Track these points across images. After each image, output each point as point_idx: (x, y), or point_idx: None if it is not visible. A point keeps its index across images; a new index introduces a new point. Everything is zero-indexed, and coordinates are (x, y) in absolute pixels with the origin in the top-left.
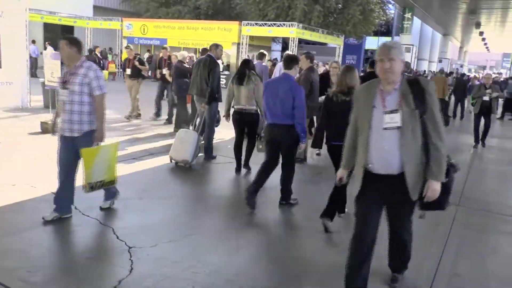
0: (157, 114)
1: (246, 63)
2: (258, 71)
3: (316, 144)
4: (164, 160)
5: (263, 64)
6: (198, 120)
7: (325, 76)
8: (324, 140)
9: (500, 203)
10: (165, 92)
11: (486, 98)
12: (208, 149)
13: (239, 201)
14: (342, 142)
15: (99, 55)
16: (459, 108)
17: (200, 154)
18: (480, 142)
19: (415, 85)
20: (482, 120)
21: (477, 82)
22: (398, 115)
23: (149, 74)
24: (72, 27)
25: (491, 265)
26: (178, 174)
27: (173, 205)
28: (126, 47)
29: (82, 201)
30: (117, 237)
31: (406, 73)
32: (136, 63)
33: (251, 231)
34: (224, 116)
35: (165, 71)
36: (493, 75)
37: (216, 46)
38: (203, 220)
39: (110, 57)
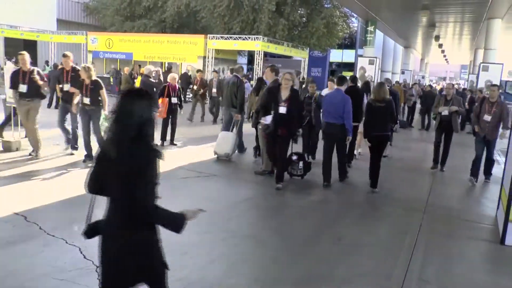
0: None
1: (261, 80)
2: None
3: (366, 135)
4: None
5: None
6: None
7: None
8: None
9: (463, 209)
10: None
11: (445, 113)
12: (241, 145)
13: (212, 214)
14: (379, 133)
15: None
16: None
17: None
18: (439, 166)
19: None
20: None
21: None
22: None
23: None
24: (35, 42)
25: (457, 270)
26: None
27: None
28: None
29: (47, 221)
30: (84, 257)
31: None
32: (36, 77)
33: (223, 245)
34: (247, 118)
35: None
36: (456, 85)
37: (242, 68)
38: (173, 236)
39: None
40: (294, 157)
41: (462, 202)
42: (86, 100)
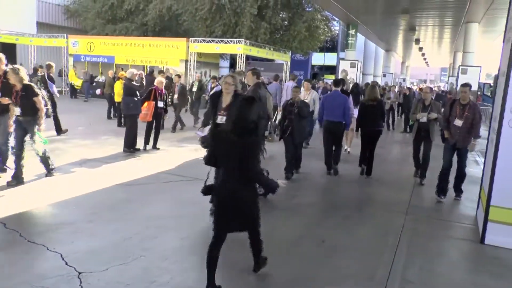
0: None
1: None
2: (274, 90)
3: (357, 129)
4: (114, 181)
5: (277, 84)
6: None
7: None
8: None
9: (444, 210)
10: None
11: (424, 119)
12: None
13: (193, 219)
14: (371, 128)
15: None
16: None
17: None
18: (419, 179)
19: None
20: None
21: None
22: None
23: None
24: (14, 45)
25: (439, 269)
26: (128, 195)
27: (124, 226)
28: None
29: (28, 227)
30: (66, 263)
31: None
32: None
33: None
34: None
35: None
36: (435, 88)
37: (242, 72)
38: (155, 241)
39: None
40: None
41: (443, 202)
42: (16, 110)
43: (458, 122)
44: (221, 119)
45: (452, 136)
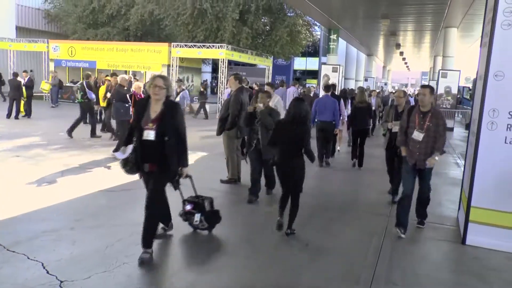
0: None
1: (259, 90)
2: (280, 95)
3: (349, 128)
4: (97, 187)
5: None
6: None
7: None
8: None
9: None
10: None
11: (396, 129)
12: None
13: (177, 224)
14: (361, 127)
15: (24, 80)
16: None
17: None
18: (391, 196)
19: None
20: None
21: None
22: None
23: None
24: None
25: (423, 271)
26: (110, 201)
27: (107, 233)
28: None
29: (7, 236)
30: (47, 272)
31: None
32: None
33: (187, 256)
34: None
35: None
36: (411, 91)
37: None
38: (139, 247)
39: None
40: (188, 206)
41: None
42: None
43: (418, 135)
44: (148, 134)
45: (411, 154)
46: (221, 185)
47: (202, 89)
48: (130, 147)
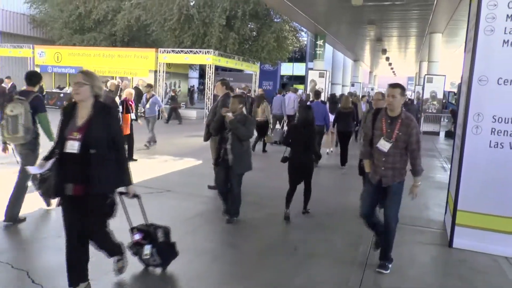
0: None
1: (263, 97)
2: (280, 100)
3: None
4: None
5: (281, 95)
6: None
7: None
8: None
9: (413, 216)
10: None
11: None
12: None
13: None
14: (344, 129)
15: (8, 86)
16: None
17: None
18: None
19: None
20: None
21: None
22: None
23: None
24: None
25: (411, 274)
26: None
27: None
28: None
29: None
30: (33, 281)
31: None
32: None
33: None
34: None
35: None
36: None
37: (247, 87)
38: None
39: None
40: (137, 235)
41: (412, 209)
42: None
43: (384, 145)
44: (71, 145)
45: (376, 169)
46: (208, 191)
47: (173, 94)
48: (50, 162)
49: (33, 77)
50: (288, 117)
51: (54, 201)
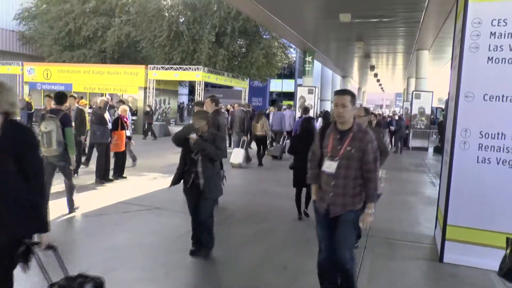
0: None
1: (262, 113)
2: (279, 117)
3: None
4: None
5: (280, 112)
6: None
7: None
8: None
9: (404, 231)
10: None
11: None
12: (247, 157)
13: (153, 249)
14: None
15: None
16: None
17: None
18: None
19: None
20: None
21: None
22: None
23: None
24: None
25: None
26: (85, 227)
27: (80, 259)
28: None
29: None
30: None
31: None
32: None
33: (167, 278)
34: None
35: None
36: (389, 113)
37: (248, 105)
38: (114, 273)
39: None
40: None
41: (402, 224)
42: None
43: (329, 166)
44: None
45: (323, 195)
46: None
47: (148, 109)
48: None
49: (61, 98)
50: (287, 133)
51: None
